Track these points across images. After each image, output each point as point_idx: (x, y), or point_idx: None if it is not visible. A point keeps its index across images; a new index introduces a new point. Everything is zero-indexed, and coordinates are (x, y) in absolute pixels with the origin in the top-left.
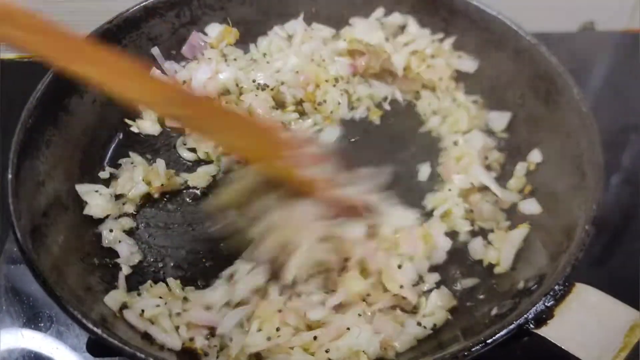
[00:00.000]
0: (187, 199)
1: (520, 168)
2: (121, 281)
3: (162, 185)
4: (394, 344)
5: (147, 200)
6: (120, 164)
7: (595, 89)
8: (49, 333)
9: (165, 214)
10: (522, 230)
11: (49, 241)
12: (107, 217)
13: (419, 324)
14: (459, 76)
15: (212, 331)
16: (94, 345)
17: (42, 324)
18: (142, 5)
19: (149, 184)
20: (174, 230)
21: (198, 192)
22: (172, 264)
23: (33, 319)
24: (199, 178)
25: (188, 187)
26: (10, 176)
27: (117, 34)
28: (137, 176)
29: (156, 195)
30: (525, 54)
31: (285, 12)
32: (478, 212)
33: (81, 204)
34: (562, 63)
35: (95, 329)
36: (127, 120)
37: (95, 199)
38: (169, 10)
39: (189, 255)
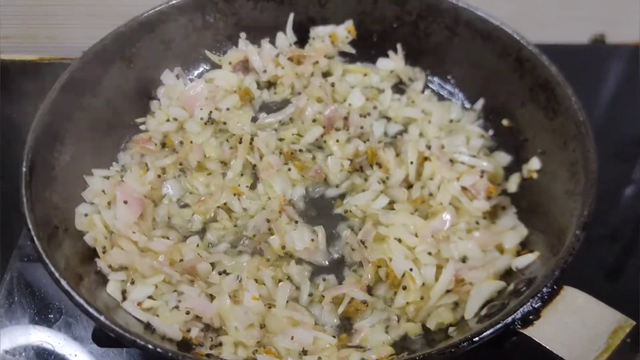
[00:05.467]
0: None
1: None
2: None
3: None
4: None
5: None
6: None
7: (607, 102)
8: (58, 325)
9: None
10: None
11: (60, 233)
12: None
13: None
14: (462, 84)
15: (207, 325)
16: (100, 336)
17: (51, 316)
18: (156, 9)
19: None
20: None
21: None
22: None
23: (43, 311)
24: None
25: None
26: (24, 169)
27: (131, 36)
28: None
29: None
30: (527, 63)
31: (295, 19)
32: None
33: None
34: (573, 75)
35: (98, 315)
36: (137, 120)
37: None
38: (182, 15)
39: None
